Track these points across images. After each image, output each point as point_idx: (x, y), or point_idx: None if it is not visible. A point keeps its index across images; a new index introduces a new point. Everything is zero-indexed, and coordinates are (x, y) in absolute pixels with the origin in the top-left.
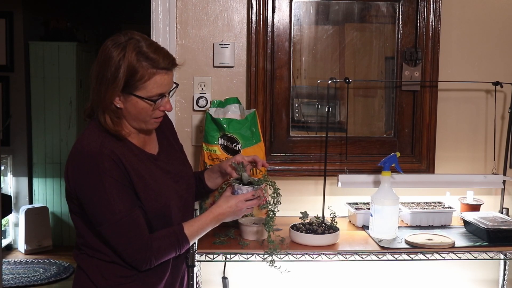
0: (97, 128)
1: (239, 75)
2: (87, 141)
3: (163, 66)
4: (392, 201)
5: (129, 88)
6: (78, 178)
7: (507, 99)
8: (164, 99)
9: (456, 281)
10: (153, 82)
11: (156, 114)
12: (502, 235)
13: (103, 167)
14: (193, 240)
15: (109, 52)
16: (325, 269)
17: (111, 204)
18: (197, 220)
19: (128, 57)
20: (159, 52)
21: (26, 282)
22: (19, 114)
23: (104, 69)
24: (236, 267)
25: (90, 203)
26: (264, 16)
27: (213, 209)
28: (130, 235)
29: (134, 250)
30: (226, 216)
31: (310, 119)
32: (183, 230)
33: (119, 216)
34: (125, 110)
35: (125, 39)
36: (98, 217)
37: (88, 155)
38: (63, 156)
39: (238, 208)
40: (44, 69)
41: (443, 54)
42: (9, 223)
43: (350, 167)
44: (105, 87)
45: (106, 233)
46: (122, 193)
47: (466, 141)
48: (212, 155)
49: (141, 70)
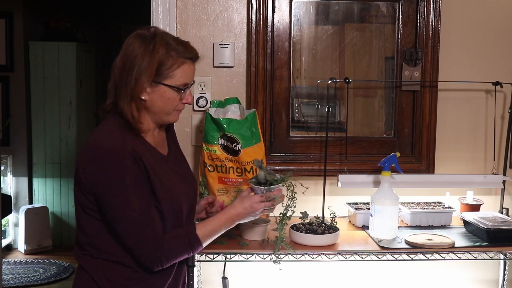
0: (116, 124)
1: (239, 75)
2: (108, 137)
3: (189, 56)
4: (392, 201)
5: (158, 77)
6: (98, 174)
7: (507, 99)
8: (187, 91)
9: (456, 281)
10: (182, 71)
11: (179, 107)
12: (502, 235)
13: (124, 163)
14: (206, 242)
15: (137, 44)
16: (325, 269)
17: (130, 201)
18: (210, 221)
19: (158, 48)
20: (185, 44)
21: (26, 282)
22: (19, 114)
23: (133, 61)
24: (236, 267)
25: (108, 199)
26: (264, 16)
27: (228, 210)
28: (144, 234)
29: (147, 249)
30: (241, 218)
31: (310, 119)
32: (195, 231)
33: (136, 213)
34: (150, 101)
35: (150, 33)
36: (115, 213)
37: (110, 151)
38: (63, 156)
39: (253, 209)
40: (44, 69)
41: (443, 54)
42: (9, 223)
43: (350, 167)
44: (135, 77)
45: (120, 230)
46: (141, 190)
47: (466, 141)
48: (212, 155)
49: (171, 59)
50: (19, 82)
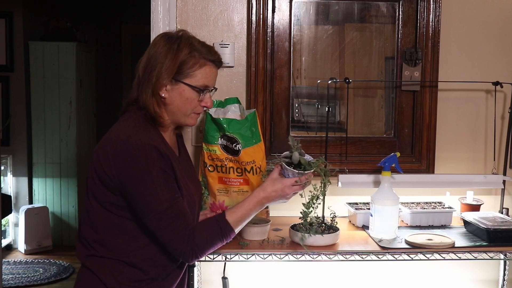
0: (141, 119)
1: (239, 75)
2: (134, 131)
3: (212, 59)
4: (392, 201)
5: (178, 75)
6: (125, 168)
7: (507, 99)
8: (207, 94)
9: (456, 281)
10: (203, 72)
11: (198, 109)
12: (502, 235)
13: (151, 157)
14: (238, 227)
15: (162, 43)
16: (325, 269)
17: (158, 194)
18: (240, 206)
19: (182, 47)
20: (209, 47)
21: (26, 282)
22: (19, 114)
23: (157, 57)
24: (236, 267)
25: (137, 193)
26: (264, 16)
27: (257, 192)
28: (175, 224)
29: (179, 239)
30: (271, 200)
31: (310, 119)
32: (225, 218)
33: (165, 205)
34: (170, 99)
35: (177, 34)
36: (145, 206)
37: (136, 145)
38: (63, 156)
39: (284, 193)
40: (44, 69)
41: (443, 54)
42: (9, 223)
43: (350, 167)
44: (157, 73)
45: (152, 224)
46: (169, 182)
47: (466, 141)
48: (212, 155)
49: (193, 59)
50: (19, 82)
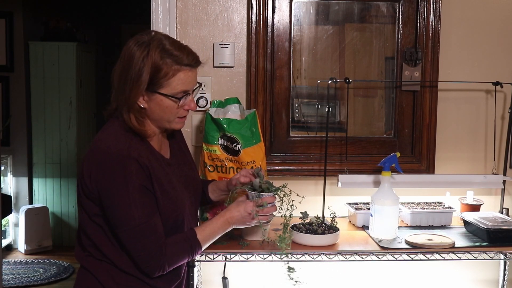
0: (122, 128)
1: (239, 75)
2: (114, 141)
3: (187, 63)
4: (392, 201)
5: (153, 86)
6: (103, 179)
7: (507, 99)
8: (188, 97)
9: (456, 281)
10: (178, 79)
11: (181, 113)
12: (502, 235)
13: (129, 170)
14: (205, 245)
15: (132, 51)
16: (325, 269)
17: (132, 209)
18: (208, 224)
19: (152, 54)
20: (182, 49)
21: (26, 282)
22: (19, 114)
23: (128, 68)
24: (236, 267)
25: (112, 205)
26: (264, 16)
27: (224, 213)
28: (146, 241)
29: (149, 256)
30: (235, 221)
31: (310, 119)
32: (196, 236)
33: (138, 221)
34: (149, 109)
35: (148, 38)
36: (117, 220)
37: (115, 157)
38: (63, 156)
39: (246, 213)
40: (44, 69)
41: (443, 54)
42: (9, 223)
43: (350, 167)
44: (129, 86)
45: (122, 237)
46: (144, 198)
47: (466, 141)
48: (212, 155)
49: (165, 67)
50: (19, 82)
